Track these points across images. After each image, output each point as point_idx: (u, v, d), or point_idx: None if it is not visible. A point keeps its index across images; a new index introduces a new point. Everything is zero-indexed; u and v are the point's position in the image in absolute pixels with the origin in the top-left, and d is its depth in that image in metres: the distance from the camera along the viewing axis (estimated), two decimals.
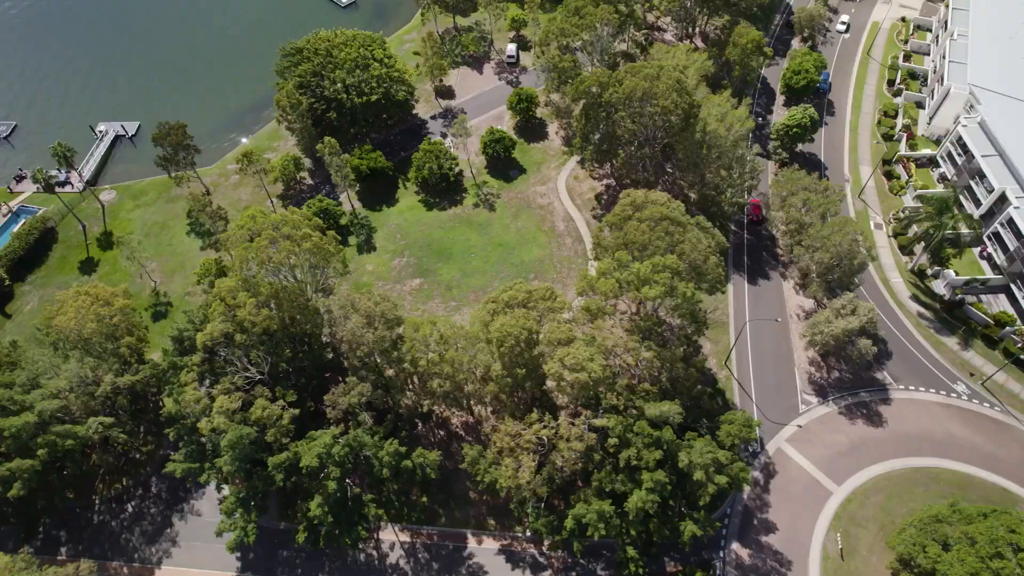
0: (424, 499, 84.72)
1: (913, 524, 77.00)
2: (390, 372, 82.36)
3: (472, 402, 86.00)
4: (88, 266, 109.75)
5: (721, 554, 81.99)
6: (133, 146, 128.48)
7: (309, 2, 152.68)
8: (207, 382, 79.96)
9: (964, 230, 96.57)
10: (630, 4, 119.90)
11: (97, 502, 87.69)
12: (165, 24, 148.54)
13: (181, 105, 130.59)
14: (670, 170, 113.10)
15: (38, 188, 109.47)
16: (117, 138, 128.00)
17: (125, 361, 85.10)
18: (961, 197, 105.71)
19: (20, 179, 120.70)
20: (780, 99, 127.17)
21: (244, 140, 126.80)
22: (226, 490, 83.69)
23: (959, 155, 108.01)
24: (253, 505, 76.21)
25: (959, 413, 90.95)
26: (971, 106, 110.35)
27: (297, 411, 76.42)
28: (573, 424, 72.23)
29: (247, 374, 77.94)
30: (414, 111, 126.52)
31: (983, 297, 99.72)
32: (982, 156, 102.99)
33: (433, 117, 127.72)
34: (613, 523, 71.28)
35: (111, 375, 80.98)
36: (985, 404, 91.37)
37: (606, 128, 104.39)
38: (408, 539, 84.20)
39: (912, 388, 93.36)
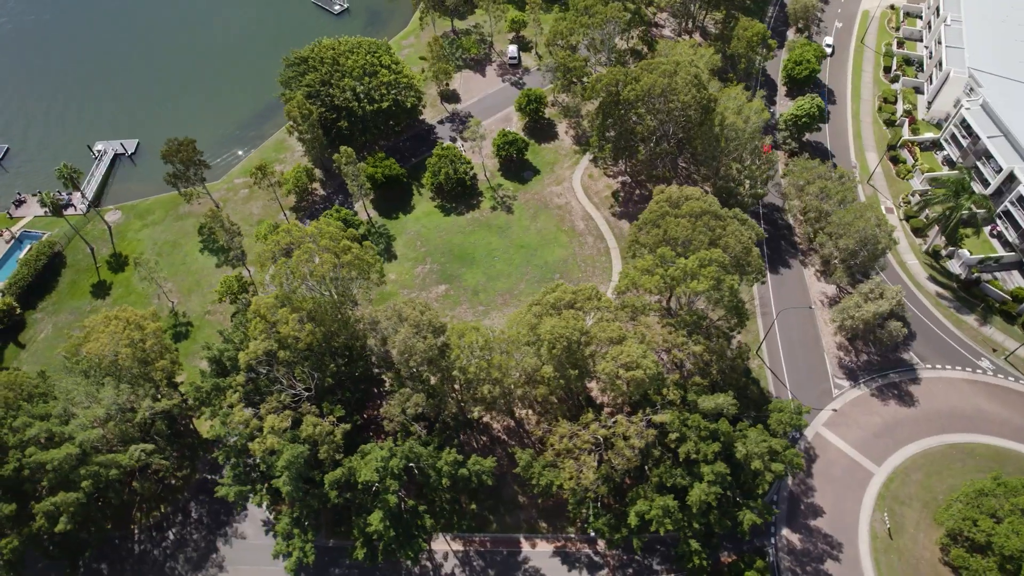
0: (473, 506, 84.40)
1: (959, 499, 78.94)
2: (433, 380, 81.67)
3: (516, 406, 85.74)
4: (100, 290, 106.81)
5: (772, 540, 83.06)
6: (133, 164, 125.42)
7: (301, 11, 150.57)
8: (246, 402, 78.38)
9: (978, 210, 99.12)
10: (636, 1, 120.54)
11: (136, 531, 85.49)
12: (157, 40, 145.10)
13: (180, 121, 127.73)
14: (683, 164, 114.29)
15: (46, 212, 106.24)
16: (116, 157, 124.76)
17: (158, 385, 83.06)
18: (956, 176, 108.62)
19: (19, 203, 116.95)
20: (782, 90, 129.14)
21: (250, 153, 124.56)
22: (262, 509, 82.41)
23: (964, 137, 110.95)
24: (308, 525, 74.95)
25: (986, 388, 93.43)
26: (971, 89, 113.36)
27: (348, 426, 75.35)
28: (631, 422, 72.43)
29: (293, 391, 76.60)
30: (421, 116, 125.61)
31: (998, 274, 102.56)
32: (988, 137, 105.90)
33: (440, 122, 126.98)
34: (676, 517, 71.70)
35: (148, 400, 78.95)
36: (1010, 378, 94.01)
37: (623, 125, 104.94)
38: (461, 548, 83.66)
39: (939, 366, 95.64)
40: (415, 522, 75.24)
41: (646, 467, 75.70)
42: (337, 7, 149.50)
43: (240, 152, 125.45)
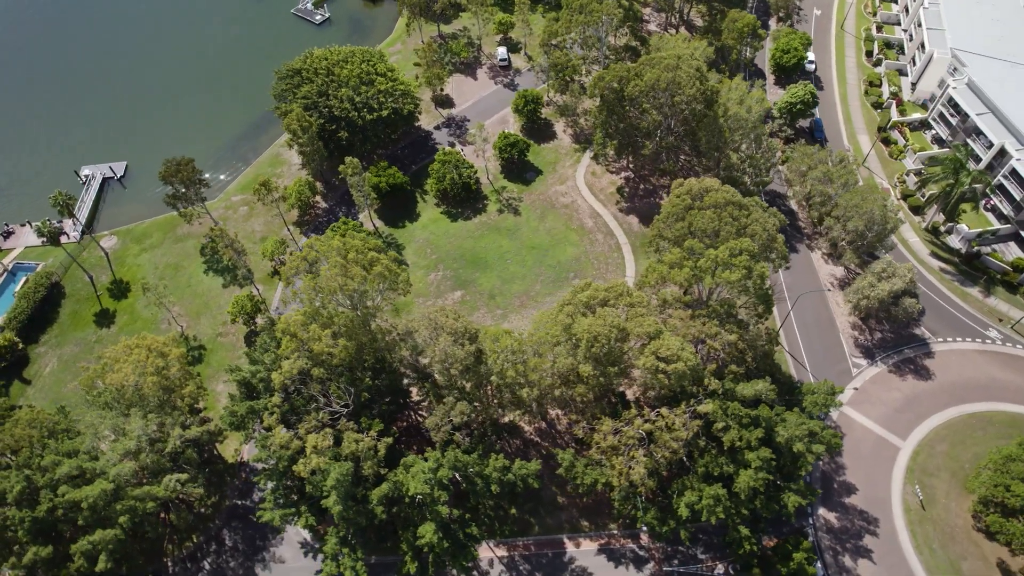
0: (513, 511, 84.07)
1: (987, 467, 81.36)
2: (467, 387, 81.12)
3: (549, 407, 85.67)
4: (104, 318, 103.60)
5: (811, 521, 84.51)
6: (123, 188, 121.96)
7: (283, 24, 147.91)
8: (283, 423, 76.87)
9: (976, 185, 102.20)
10: None
11: (170, 564, 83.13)
12: (139, 60, 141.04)
13: (167, 141, 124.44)
14: (684, 157, 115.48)
15: (43, 241, 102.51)
16: (105, 181, 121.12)
17: (184, 412, 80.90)
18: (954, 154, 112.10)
19: (7, 235, 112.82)
20: (771, 79, 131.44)
21: (245, 169, 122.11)
22: (297, 531, 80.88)
23: (952, 116, 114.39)
24: (354, 543, 73.77)
25: (997, 357, 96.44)
26: (954, 69, 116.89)
27: (390, 440, 74.38)
28: (675, 414, 72.95)
29: (331, 409, 75.32)
30: (417, 123, 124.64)
31: (996, 247, 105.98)
32: (977, 115, 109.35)
33: (437, 127, 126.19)
34: (725, 505, 72.44)
35: (178, 428, 76.82)
36: (1018, 346, 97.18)
37: (627, 121, 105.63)
38: (505, 553, 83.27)
39: (949, 339, 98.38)
40: (463, 531, 74.59)
41: (690, 458, 76.27)
42: (319, 17, 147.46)
43: (235, 169, 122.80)
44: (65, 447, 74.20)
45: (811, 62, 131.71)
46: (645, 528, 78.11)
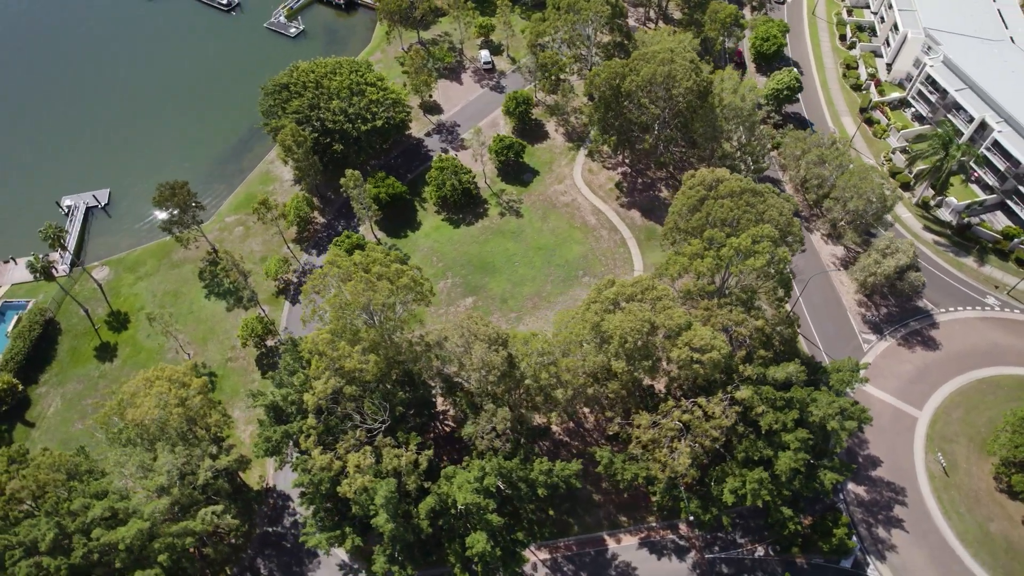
0: (551, 511, 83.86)
1: (1005, 429, 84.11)
2: (498, 392, 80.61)
3: (580, 406, 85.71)
4: (105, 352, 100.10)
5: (842, 496, 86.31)
6: (108, 216, 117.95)
7: (257, 40, 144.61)
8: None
9: (964, 158, 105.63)
10: None
11: None
12: (113, 84, 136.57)
13: (151, 165, 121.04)
14: (677, 149, 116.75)
15: (37, 277, 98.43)
16: (89, 210, 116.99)
17: (211, 442, 78.63)
18: (940, 130, 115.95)
19: None
20: (752, 67, 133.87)
21: (236, 189, 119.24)
22: (332, 554, 79.39)
23: (931, 93, 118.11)
24: (402, 560, 72.67)
25: (997, 323, 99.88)
26: (928, 48, 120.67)
27: (431, 452, 73.50)
28: (712, 403, 73.68)
29: (367, 426, 74.06)
30: (408, 131, 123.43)
31: (984, 216, 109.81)
32: (956, 90, 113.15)
33: (428, 134, 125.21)
34: (767, 487, 73.47)
35: (207, 459, 74.64)
36: (1016, 311, 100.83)
37: (624, 117, 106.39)
38: (547, 556, 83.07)
39: (951, 309, 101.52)
40: (510, 537, 74.08)
41: (726, 445, 77.13)
42: (293, 30, 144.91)
43: (221, 191, 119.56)
44: (93, 488, 71.37)
45: (797, 65, 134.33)
46: (691, 518, 78.57)
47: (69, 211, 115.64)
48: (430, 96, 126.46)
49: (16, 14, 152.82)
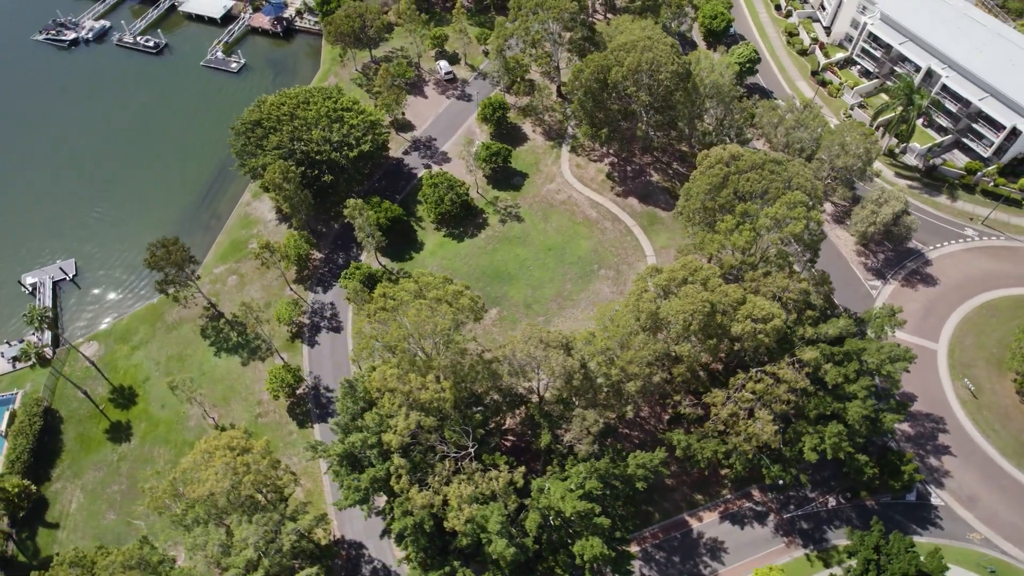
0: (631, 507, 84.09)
1: (1019, 345, 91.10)
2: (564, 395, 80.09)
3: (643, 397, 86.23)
4: (118, 432, 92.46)
5: (890, 435, 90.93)
6: (78, 287, 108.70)
7: (198, 80, 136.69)
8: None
9: (928, 104, 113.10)
10: None
11: None
12: (54, 144, 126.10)
13: (114, 227, 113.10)
14: (658, 133, 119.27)
15: (32, 364, 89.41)
16: (56, 284, 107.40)
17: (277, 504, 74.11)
18: (888, 82, 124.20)
19: None
20: (702, 45, 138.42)
21: (217, 236, 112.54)
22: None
23: (875, 49, 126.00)
24: None
25: (981, 252, 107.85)
26: (863, 7, 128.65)
27: (523, 468, 72.14)
28: (782, 368, 75.92)
29: (454, 455, 71.81)
30: (386, 152, 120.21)
31: (945, 156, 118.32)
32: (899, 44, 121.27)
33: (406, 152, 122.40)
34: (844, 439, 76.45)
35: (289, 523, 70.32)
36: (993, 237, 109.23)
37: (608, 108, 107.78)
38: (637, 547, 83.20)
39: (938, 245, 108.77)
40: (613, 536, 73.84)
41: (797, 406, 79.69)
42: (234, 65, 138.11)
43: (200, 240, 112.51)
44: None
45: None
46: (780, 481, 79.92)
47: (34, 288, 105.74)
48: (402, 114, 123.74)
49: None
